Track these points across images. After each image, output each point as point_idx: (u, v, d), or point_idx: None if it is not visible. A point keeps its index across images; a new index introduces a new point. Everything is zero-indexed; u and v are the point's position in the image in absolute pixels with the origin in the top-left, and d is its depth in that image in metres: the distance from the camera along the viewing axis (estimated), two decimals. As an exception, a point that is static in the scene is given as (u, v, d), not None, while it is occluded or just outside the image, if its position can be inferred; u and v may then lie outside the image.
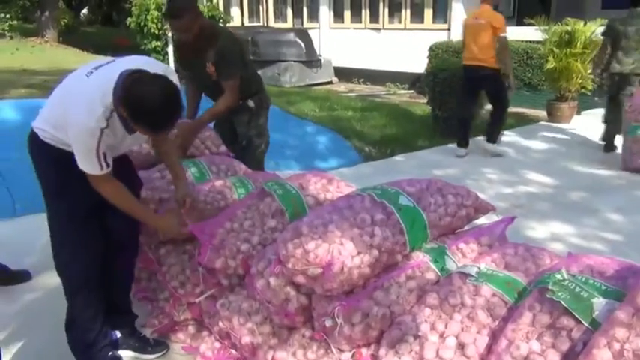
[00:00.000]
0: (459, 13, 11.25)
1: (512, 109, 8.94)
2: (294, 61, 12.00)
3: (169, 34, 10.58)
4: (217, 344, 2.48)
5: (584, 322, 1.47)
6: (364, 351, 1.93)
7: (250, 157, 3.77)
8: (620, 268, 1.66)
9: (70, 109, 2.04)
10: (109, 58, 2.24)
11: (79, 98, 2.04)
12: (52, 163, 2.20)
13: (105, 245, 2.34)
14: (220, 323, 2.34)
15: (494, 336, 1.65)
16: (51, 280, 2.45)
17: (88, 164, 2.08)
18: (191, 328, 2.65)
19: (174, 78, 2.17)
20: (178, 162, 2.61)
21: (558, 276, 1.60)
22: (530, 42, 9.58)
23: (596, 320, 1.46)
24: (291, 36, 12.25)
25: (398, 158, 6.20)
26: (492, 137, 6.17)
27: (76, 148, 2.07)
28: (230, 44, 3.44)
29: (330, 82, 12.93)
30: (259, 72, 13.01)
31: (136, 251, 2.57)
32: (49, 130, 2.16)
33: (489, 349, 1.62)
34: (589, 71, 7.76)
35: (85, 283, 2.30)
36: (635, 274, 1.59)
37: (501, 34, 5.71)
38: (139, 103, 1.94)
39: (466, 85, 6.11)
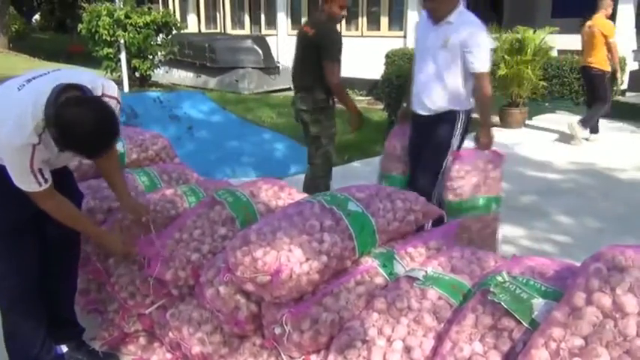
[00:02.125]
0: (414, 21, 11.43)
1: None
2: (252, 67, 11.95)
3: (122, 41, 10.36)
4: (169, 355, 2.45)
5: (524, 323, 1.50)
6: (314, 358, 1.93)
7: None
8: (560, 269, 1.71)
9: (1, 125, 1.92)
10: (43, 70, 2.12)
11: (9, 113, 1.92)
12: None
13: (44, 257, 2.26)
14: (171, 334, 2.31)
15: (440, 338, 1.67)
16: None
17: (24, 182, 1.98)
18: (142, 340, 2.60)
19: (112, 92, 2.10)
20: (123, 179, 2.51)
21: (499, 278, 1.63)
22: (483, 49, 9.78)
23: (535, 321, 1.50)
24: (249, 43, 12.20)
25: (355, 164, 6.24)
26: (585, 122, 7.08)
27: (9, 165, 1.97)
28: None
29: (289, 89, 12.92)
30: (217, 79, 13.02)
31: (77, 261, 2.51)
32: None
33: (435, 351, 1.64)
34: (539, 78, 8.05)
35: (18, 299, 2.21)
36: (573, 275, 1.63)
37: (610, 40, 6.73)
38: (69, 129, 1.84)
39: (584, 83, 7.46)
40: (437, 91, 3.24)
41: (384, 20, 12.08)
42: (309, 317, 1.88)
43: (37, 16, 29.62)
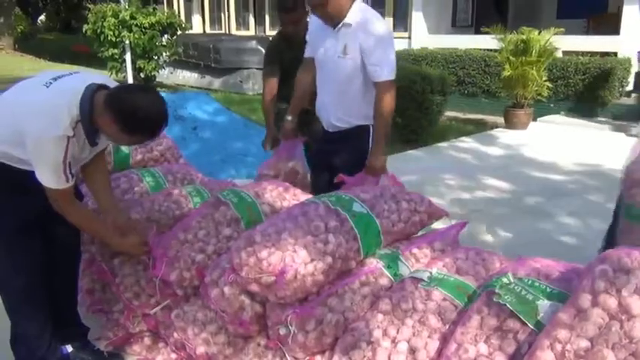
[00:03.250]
0: (418, 22, 11.44)
1: (471, 116, 9.14)
2: (257, 68, 11.96)
3: (127, 42, 10.39)
4: (173, 356, 2.45)
5: (529, 325, 1.50)
6: (318, 358, 1.93)
7: None
8: (565, 271, 1.70)
9: (32, 119, 1.95)
10: (65, 71, 2.19)
11: (41, 108, 1.96)
12: None
13: (47, 258, 2.27)
14: (175, 334, 2.31)
15: (445, 340, 1.66)
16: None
17: (52, 177, 2.00)
18: (147, 340, 2.60)
19: None
20: (111, 192, 2.52)
21: (505, 280, 1.63)
22: (487, 50, 9.78)
23: (541, 322, 1.49)
24: (253, 43, 12.21)
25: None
26: None
27: (40, 160, 1.98)
28: None
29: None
30: (221, 79, 12.97)
31: (79, 260, 2.52)
32: None
33: (440, 352, 1.64)
34: (544, 79, 8.03)
35: (25, 299, 2.22)
36: (579, 276, 1.63)
37: None
38: (137, 111, 1.94)
39: None
40: (342, 106, 2.87)
41: (389, 21, 12.06)
42: (314, 318, 1.88)
43: (42, 17, 29.73)
